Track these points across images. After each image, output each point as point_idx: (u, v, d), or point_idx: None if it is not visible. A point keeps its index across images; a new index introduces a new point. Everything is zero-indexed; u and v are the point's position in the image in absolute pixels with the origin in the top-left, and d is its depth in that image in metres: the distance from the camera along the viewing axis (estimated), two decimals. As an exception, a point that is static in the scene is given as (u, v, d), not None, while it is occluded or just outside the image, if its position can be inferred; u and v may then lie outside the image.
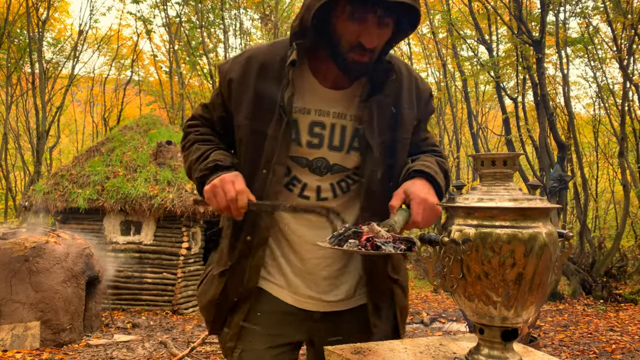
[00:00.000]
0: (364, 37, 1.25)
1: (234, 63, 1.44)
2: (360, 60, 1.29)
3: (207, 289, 1.51)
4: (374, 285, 1.45)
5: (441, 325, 7.05)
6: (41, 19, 15.06)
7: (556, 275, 0.97)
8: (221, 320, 1.48)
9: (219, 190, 1.29)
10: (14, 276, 5.39)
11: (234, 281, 1.44)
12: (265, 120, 1.37)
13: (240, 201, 1.27)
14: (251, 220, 1.39)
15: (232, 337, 1.45)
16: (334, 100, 1.41)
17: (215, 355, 5.24)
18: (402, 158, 1.45)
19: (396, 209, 1.28)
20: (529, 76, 11.07)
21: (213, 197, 1.30)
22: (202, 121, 1.52)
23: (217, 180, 1.30)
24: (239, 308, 1.44)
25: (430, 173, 1.34)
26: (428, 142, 1.56)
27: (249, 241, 1.41)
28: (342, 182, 1.44)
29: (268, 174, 1.36)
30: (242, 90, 1.40)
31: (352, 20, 1.25)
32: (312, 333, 1.49)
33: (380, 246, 1.05)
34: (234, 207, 1.28)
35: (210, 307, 1.48)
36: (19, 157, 17.95)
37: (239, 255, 1.43)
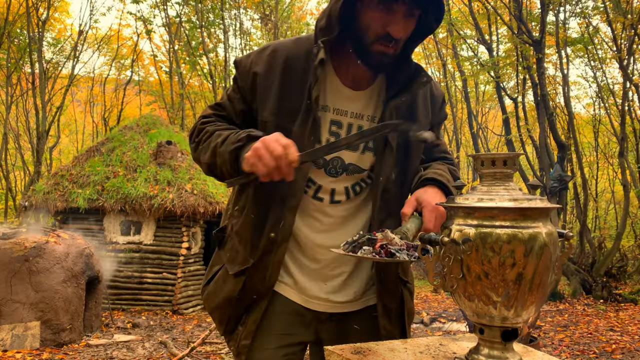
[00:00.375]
0: (392, 26, 1.25)
1: (258, 57, 1.41)
2: (386, 51, 1.29)
3: (218, 289, 1.47)
4: (386, 287, 1.45)
5: (441, 325, 7.05)
6: (41, 19, 15.06)
7: (556, 275, 0.97)
8: (236, 319, 1.45)
9: (263, 152, 1.17)
10: (14, 276, 5.39)
11: (255, 279, 1.41)
12: (290, 116, 1.35)
13: (290, 155, 1.17)
14: (275, 216, 1.37)
15: (248, 335, 1.42)
16: (353, 100, 1.41)
17: (215, 355, 5.24)
18: (416, 161, 1.46)
19: (408, 216, 1.28)
20: (529, 76, 11.08)
21: (258, 160, 1.18)
22: (217, 118, 1.46)
23: (259, 143, 1.19)
24: (256, 306, 1.42)
25: (442, 181, 1.34)
26: (440, 148, 1.57)
27: (273, 237, 1.38)
28: (356, 185, 1.44)
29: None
30: (268, 85, 1.37)
31: (380, 9, 1.25)
32: (320, 333, 1.49)
33: (395, 253, 1.06)
34: (285, 163, 1.17)
35: (225, 306, 1.45)
36: (19, 157, 17.95)
37: (262, 252, 1.39)
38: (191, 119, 17.56)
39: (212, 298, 1.49)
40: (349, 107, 1.41)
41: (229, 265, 1.46)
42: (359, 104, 1.41)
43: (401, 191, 1.43)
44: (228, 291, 1.44)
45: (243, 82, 1.41)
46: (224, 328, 1.48)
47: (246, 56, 1.44)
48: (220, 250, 1.53)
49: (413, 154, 1.44)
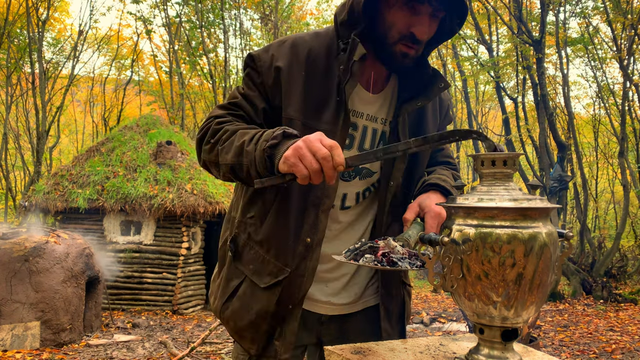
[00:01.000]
0: (417, 27, 1.22)
1: (278, 50, 1.31)
2: (408, 52, 1.26)
3: (246, 305, 1.36)
4: (388, 291, 1.44)
5: (441, 325, 7.05)
6: (41, 19, 15.05)
7: (556, 275, 0.97)
8: (269, 333, 1.35)
9: (305, 152, 1.05)
10: (14, 276, 5.39)
11: (291, 288, 1.32)
12: (315, 114, 1.29)
13: (336, 157, 1.05)
14: (310, 220, 1.30)
15: (288, 348, 1.34)
16: (368, 103, 1.38)
17: (215, 355, 5.24)
18: (423, 165, 1.46)
19: (410, 222, 1.27)
20: (529, 76, 11.08)
21: (299, 161, 1.06)
22: (233, 118, 1.32)
23: (300, 142, 1.07)
24: (291, 315, 1.34)
25: (445, 187, 1.33)
26: (444, 153, 1.56)
27: (309, 243, 1.31)
28: (366, 190, 1.43)
29: None
30: (292, 80, 1.29)
31: (407, 9, 1.22)
32: (320, 335, 1.48)
33: (397, 262, 1.06)
34: (329, 166, 1.05)
35: (260, 322, 1.34)
36: (19, 157, 17.95)
37: (299, 259, 1.31)
38: (191, 119, 17.57)
39: (240, 316, 1.37)
40: (365, 109, 1.38)
41: (256, 278, 1.36)
42: (373, 107, 1.39)
43: (407, 196, 1.43)
44: (262, 306, 1.34)
45: (264, 77, 1.31)
46: (257, 346, 1.37)
47: (264, 50, 1.34)
48: (237, 262, 1.40)
49: (421, 160, 1.44)
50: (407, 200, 1.41)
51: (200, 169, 8.97)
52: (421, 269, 1.08)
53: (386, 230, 1.40)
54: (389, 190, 1.38)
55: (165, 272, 8.24)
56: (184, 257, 8.32)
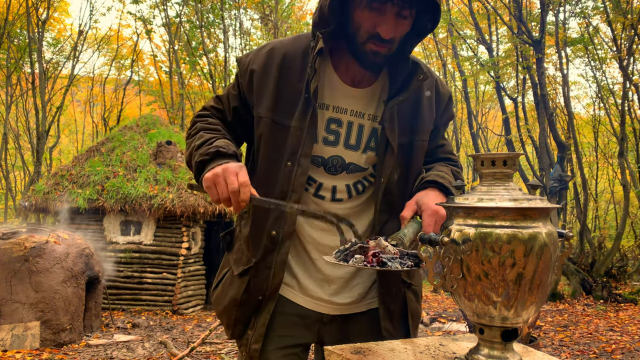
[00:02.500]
0: (381, 27, 1.24)
1: (256, 55, 1.42)
2: (379, 50, 1.27)
3: (225, 291, 1.47)
4: (388, 290, 1.43)
5: (441, 325, 7.05)
6: (41, 19, 15.06)
7: (556, 275, 0.97)
8: (243, 322, 1.43)
9: (220, 180, 1.20)
10: (14, 276, 5.39)
11: (259, 279, 1.39)
12: (287, 112, 1.35)
13: (242, 194, 1.19)
14: (275, 214, 1.36)
15: (258, 339, 1.40)
16: (353, 98, 1.39)
17: (215, 355, 5.24)
18: (419, 160, 1.44)
19: (407, 220, 1.27)
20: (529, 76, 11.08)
21: (214, 185, 1.21)
22: (213, 112, 1.48)
23: (220, 169, 1.21)
24: (264, 307, 1.40)
25: (444, 184, 1.32)
26: (444, 149, 1.54)
27: (274, 236, 1.37)
28: (358, 183, 1.43)
29: (293, 167, 1.34)
30: (264, 82, 1.37)
31: (370, 10, 1.24)
32: (322, 335, 1.48)
33: (387, 262, 1.05)
34: (235, 199, 1.19)
35: (231, 308, 1.43)
36: (19, 157, 17.95)
37: (264, 251, 1.38)
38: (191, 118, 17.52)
39: (219, 300, 1.48)
40: (349, 105, 1.39)
41: (235, 267, 1.46)
42: (359, 102, 1.39)
43: (404, 192, 1.41)
44: (233, 293, 1.43)
45: (242, 79, 1.42)
46: (232, 331, 1.46)
47: (246, 55, 1.46)
48: (229, 253, 1.52)
49: (415, 155, 1.42)
50: (405, 196, 1.40)
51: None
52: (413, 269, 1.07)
53: (382, 227, 1.39)
54: (380, 187, 1.38)
55: (165, 272, 8.24)
56: (184, 257, 8.32)
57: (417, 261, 1.07)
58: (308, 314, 1.44)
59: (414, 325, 1.50)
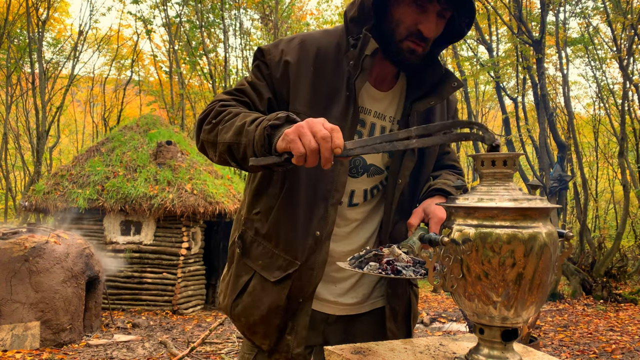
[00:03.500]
0: (424, 24, 1.24)
1: (288, 46, 1.34)
2: (415, 49, 1.27)
3: (257, 300, 1.37)
4: (395, 291, 1.44)
5: (441, 325, 7.05)
6: (41, 19, 15.06)
7: (556, 275, 0.97)
8: (280, 328, 1.36)
9: (305, 131, 1.02)
10: (14, 276, 5.39)
11: (301, 282, 1.33)
12: (323, 109, 1.30)
13: (336, 139, 1.01)
14: (320, 213, 1.32)
15: (301, 342, 1.35)
16: (376, 100, 1.39)
17: (215, 355, 5.24)
18: (430, 164, 1.46)
19: (414, 227, 1.27)
20: (529, 76, 11.09)
21: (297, 138, 1.02)
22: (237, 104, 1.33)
23: (304, 122, 1.04)
24: (302, 309, 1.35)
25: (451, 192, 1.33)
26: (449, 156, 1.56)
27: (318, 236, 1.32)
28: (374, 188, 1.43)
29: (336, 166, 1.30)
30: (300, 75, 1.31)
31: (415, 6, 1.24)
32: (327, 336, 1.48)
33: (401, 270, 1.07)
34: (327, 147, 1.01)
35: (271, 317, 1.35)
36: (19, 157, 17.95)
37: (309, 253, 1.32)
38: (191, 118, 17.57)
39: (251, 311, 1.38)
40: (373, 106, 1.39)
41: (266, 273, 1.37)
42: (382, 104, 1.40)
43: (414, 194, 1.43)
44: (272, 300, 1.35)
45: (272, 70, 1.32)
46: (269, 341, 1.37)
47: (274, 45, 1.36)
48: (246, 259, 1.42)
49: (427, 159, 1.43)
50: (414, 200, 1.41)
51: (200, 169, 8.97)
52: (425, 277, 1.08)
53: (393, 229, 1.40)
54: (397, 189, 1.38)
55: (165, 272, 8.24)
56: (184, 257, 8.32)
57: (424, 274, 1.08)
58: (314, 315, 1.44)
59: (413, 326, 1.53)
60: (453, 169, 1.52)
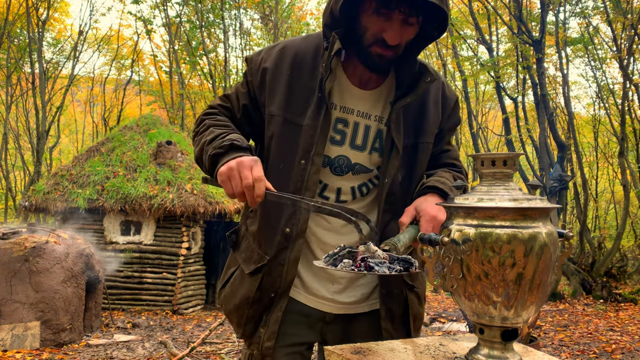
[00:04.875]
0: (388, 33, 1.26)
1: (267, 53, 1.43)
2: (384, 54, 1.30)
3: (235, 290, 1.46)
4: (389, 291, 1.44)
5: (441, 325, 7.05)
6: (41, 19, 15.06)
7: (556, 275, 0.97)
8: (255, 320, 1.43)
9: (235, 174, 1.19)
10: (14, 276, 5.39)
11: (272, 276, 1.39)
12: (299, 111, 1.36)
13: (257, 189, 1.17)
14: (289, 212, 1.36)
15: (271, 336, 1.40)
16: (360, 99, 1.41)
17: (215, 355, 5.24)
18: (423, 162, 1.45)
19: (405, 226, 1.27)
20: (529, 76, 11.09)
21: (228, 180, 1.20)
22: (221, 110, 1.48)
23: (234, 163, 1.20)
24: (276, 305, 1.40)
25: (444, 189, 1.32)
26: (449, 154, 1.54)
27: (288, 233, 1.37)
28: (362, 186, 1.43)
29: (307, 165, 1.34)
30: (276, 80, 1.39)
31: (377, 15, 1.26)
32: (325, 334, 1.48)
33: (374, 267, 1.06)
34: (250, 194, 1.18)
35: (243, 306, 1.43)
36: (19, 157, 17.95)
37: (277, 249, 1.38)
38: (191, 118, 17.56)
39: (229, 300, 1.48)
40: (356, 106, 1.40)
41: (245, 265, 1.45)
42: (366, 104, 1.41)
43: (407, 194, 1.42)
44: (245, 291, 1.43)
45: (252, 77, 1.43)
46: (242, 330, 1.45)
47: (257, 53, 1.47)
48: (236, 252, 1.53)
49: (419, 158, 1.43)
50: (407, 198, 1.41)
51: (200, 169, 8.95)
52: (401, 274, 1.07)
53: (384, 228, 1.40)
54: (384, 188, 1.38)
55: (165, 272, 8.24)
56: (184, 257, 8.32)
57: (407, 266, 1.07)
58: (311, 313, 1.45)
59: (416, 327, 1.50)
60: (452, 167, 1.51)
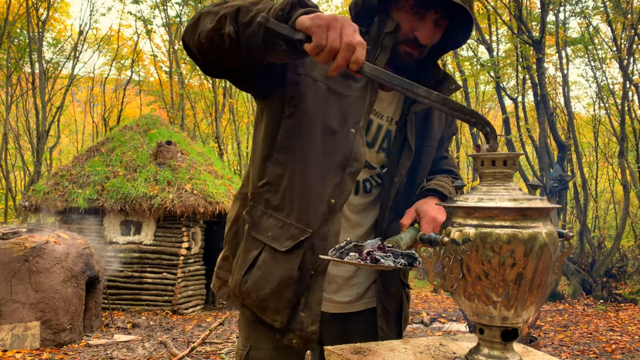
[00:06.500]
0: (421, 32, 1.27)
1: None
2: (412, 52, 1.30)
3: (269, 272, 1.30)
4: (387, 289, 1.44)
5: (441, 325, 7.05)
6: (41, 19, 15.06)
7: (556, 275, 0.97)
8: (292, 305, 1.29)
9: (337, 26, 0.96)
10: (14, 276, 5.39)
11: (314, 252, 1.27)
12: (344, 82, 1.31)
13: (360, 53, 0.97)
14: (335, 180, 1.29)
15: (315, 320, 1.29)
16: (378, 99, 1.40)
17: (215, 355, 5.24)
18: (427, 165, 1.46)
19: (406, 227, 1.28)
20: (529, 76, 11.08)
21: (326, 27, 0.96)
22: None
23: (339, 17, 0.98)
24: (315, 284, 1.29)
25: (443, 192, 1.33)
26: (447, 161, 1.56)
27: (333, 204, 1.29)
28: (366, 181, 1.43)
29: (356, 135, 1.30)
30: None
31: (412, 13, 1.27)
32: (321, 334, 1.47)
33: (379, 260, 1.06)
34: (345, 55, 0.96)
35: (284, 289, 1.28)
36: (19, 157, 17.95)
37: (322, 221, 1.28)
38: (191, 118, 17.58)
39: (261, 285, 1.30)
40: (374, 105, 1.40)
41: (276, 243, 1.30)
42: (382, 103, 1.41)
43: (409, 194, 1.43)
44: (284, 271, 1.28)
45: None
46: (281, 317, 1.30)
47: None
48: (255, 232, 1.35)
49: (424, 160, 1.44)
50: (409, 199, 1.42)
51: (200, 169, 8.96)
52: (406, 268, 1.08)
53: (387, 227, 1.40)
54: (393, 187, 1.39)
55: (165, 272, 8.24)
56: (184, 257, 8.32)
57: (411, 260, 1.07)
58: None
59: (404, 326, 1.53)
60: (450, 174, 1.53)
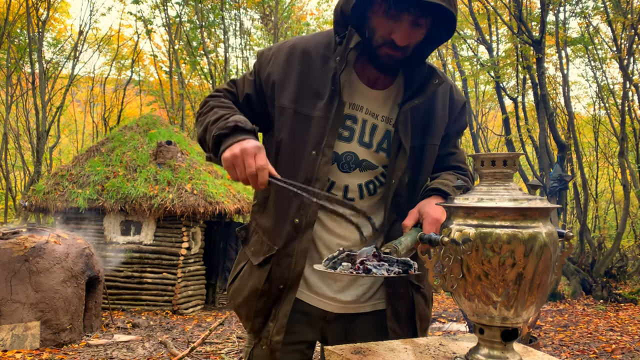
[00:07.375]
0: (397, 34, 1.27)
1: (278, 48, 1.46)
2: (393, 54, 1.31)
3: (244, 283, 1.46)
4: (395, 291, 1.43)
5: (441, 325, 7.05)
6: (41, 19, 15.05)
7: (556, 275, 0.97)
8: (263, 314, 1.41)
9: (238, 162, 1.22)
10: (14, 276, 5.39)
11: (280, 267, 1.38)
12: (309, 103, 1.37)
13: (260, 177, 1.21)
14: (298, 202, 1.35)
15: (280, 330, 1.38)
16: (368, 98, 1.41)
17: (215, 355, 5.24)
18: (430, 164, 1.45)
19: (408, 228, 1.27)
20: (529, 76, 11.09)
21: (232, 167, 1.23)
22: (226, 94, 1.49)
23: (239, 150, 1.22)
24: (285, 298, 1.39)
25: (447, 191, 1.32)
26: (455, 157, 1.54)
27: (297, 223, 1.36)
28: (370, 183, 1.43)
29: (318, 156, 1.35)
30: (286, 74, 1.40)
31: (387, 17, 1.27)
32: (325, 333, 1.48)
33: (371, 269, 1.06)
34: (254, 182, 1.22)
35: (252, 299, 1.42)
36: (19, 157, 17.94)
37: (286, 239, 1.37)
38: (191, 118, 17.56)
39: (238, 293, 1.47)
40: (364, 104, 1.41)
41: (254, 258, 1.45)
42: (374, 103, 1.41)
43: (412, 195, 1.42)
44: (254, 283, 1.42)
45: (262, 70, 1.45)
46: (252, 324, 1.43)
47: (268, 48, 1.50)
48: (245, 247, 1.53)
49: (426, 159, 1.43)
50: (413, 199, 1.40)
51: (200, 169, 8.97)
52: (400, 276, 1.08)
53: (390, 227, 1.40)
54: (390, 188, 1.39)
55: (165, 272, 8.24)
56: (184, 257, 8.32)
57: (406, 268, 1.08)
58: (311, 311, 1.44)
59: (422, 328, 1.49)
60: (458, 170, 1.50)
